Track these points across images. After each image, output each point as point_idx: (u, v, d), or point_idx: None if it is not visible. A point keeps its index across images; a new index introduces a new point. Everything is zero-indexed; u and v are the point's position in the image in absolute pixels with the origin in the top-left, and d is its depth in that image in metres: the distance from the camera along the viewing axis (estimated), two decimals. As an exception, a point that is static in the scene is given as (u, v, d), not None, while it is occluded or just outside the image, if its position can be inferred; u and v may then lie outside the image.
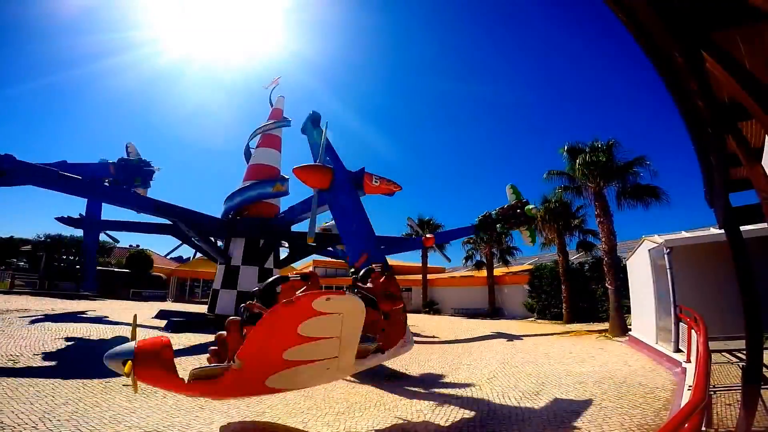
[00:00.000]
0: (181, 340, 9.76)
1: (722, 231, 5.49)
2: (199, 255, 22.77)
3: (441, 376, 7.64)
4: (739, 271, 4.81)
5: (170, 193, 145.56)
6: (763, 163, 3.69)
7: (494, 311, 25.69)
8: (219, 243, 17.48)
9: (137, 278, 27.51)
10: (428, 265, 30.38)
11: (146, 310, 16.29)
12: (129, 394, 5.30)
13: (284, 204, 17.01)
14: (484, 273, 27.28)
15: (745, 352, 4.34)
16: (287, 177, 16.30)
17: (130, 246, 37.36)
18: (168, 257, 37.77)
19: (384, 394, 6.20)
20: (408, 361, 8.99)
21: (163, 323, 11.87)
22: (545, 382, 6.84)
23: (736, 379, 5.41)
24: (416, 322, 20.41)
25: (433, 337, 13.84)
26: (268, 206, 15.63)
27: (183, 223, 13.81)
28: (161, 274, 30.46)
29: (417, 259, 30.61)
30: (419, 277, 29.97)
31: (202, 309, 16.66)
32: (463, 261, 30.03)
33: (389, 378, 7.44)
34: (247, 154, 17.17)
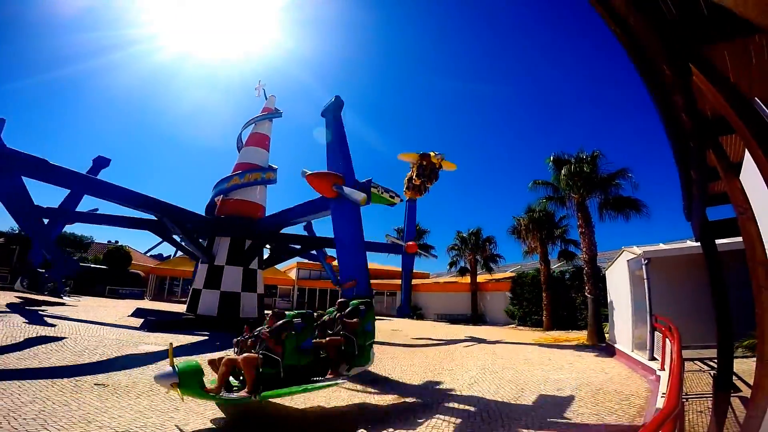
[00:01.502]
0: (157, 340, 9.47)
1: (698, 244, 5.72)
2: (180, 253, 22.16)
3: (423, 381, 7.62)
4: (713, 283, 5.00)
5: (167, 191, 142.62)
6: (741, 177, 3.84)
7: (476, 317, 25.89)
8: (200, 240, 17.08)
9: (115, 275, 26.59)
10: (413, 270, 30.42)
11: (122, 308, 15.76)
12: (100, 393, 5.09)
13: (271, 201, 16.72)
14: (467, 279, 27.47)
15: (716, 360, 4.50)
16: (275, 167, 16.07)
17: (109, 242, 36.16)
18: (148, 255, 36.70)
19: (366, 398, 6.14)
20: (391, 366, 8.95)
21: (139, 321, 11.48)
22: (524, 388, 6.91)
23: (707, 386, 5.59)
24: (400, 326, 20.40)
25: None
26: (248, 204, 15.27)
27: (169, 219, 13.37)
28: (140, 272, 29.50)
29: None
30: (403, 281, 29.94)
31: (181, 308, 16.23)
32: (448, 267, 30.26)
33: (371, 382, 7.38)
34: (240, 145, 17.06)
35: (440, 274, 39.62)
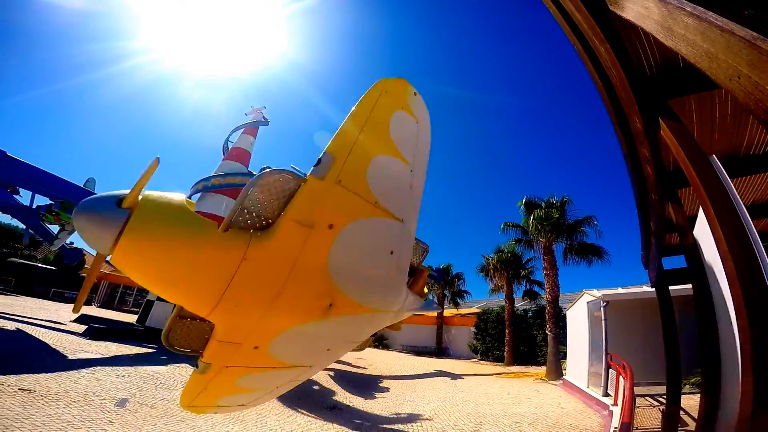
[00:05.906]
0: (100, 349, 8.72)
1: (653, 290, 6.07)
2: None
3: (384, 412, 7.41)
4: (664, 326, 5.29)
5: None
6: (694, 231, 4.13)
7: (441, 350, 25.78)
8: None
9: (63, 278, 24.49)
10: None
11: (64, 312, 14.57)
12: (25, 398, 4.57)
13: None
14: (434, 313, 27.51)
15: (665, 396, 4.68)
16: (255, 173, 15.97)
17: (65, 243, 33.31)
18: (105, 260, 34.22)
19: (324, 425, 5.87)
20: (352, 395, 8.66)
21: (82, 328, 10.58)
22: (483, 421, 6.86)
23: (657, 421, 5.75)
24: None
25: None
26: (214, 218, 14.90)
27: None
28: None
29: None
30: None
31: (131, 319, 15.16)
32: (416, 298, 30.27)
33: (331, 408, 7.08)
34: (226, 149, 16.95)
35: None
